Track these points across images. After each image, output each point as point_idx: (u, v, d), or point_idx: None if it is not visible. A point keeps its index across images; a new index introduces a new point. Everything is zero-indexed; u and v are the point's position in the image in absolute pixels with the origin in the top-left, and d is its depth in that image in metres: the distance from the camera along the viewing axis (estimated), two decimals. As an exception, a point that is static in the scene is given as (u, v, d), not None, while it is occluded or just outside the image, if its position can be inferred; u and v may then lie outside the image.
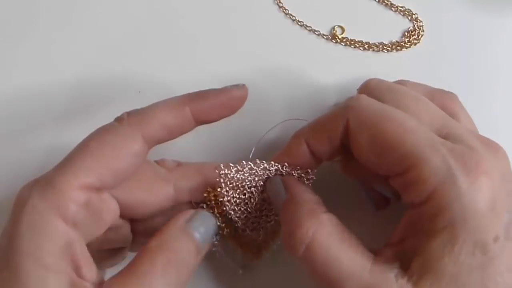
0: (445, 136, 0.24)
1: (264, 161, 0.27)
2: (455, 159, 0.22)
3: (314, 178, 0.27)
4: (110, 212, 0.24)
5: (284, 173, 0.27)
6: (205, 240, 0.25)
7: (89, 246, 0.23)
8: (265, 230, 0.28)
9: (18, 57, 0.37)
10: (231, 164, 0.26)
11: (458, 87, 0.37)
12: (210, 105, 0.26)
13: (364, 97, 0.26)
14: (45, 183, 0.22)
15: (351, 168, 0.29)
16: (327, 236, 0.23)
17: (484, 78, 0.37)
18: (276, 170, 0.27)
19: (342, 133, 0.25)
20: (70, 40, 0.38)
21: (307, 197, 0.25)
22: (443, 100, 0.29)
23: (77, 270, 0.21)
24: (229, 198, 0.26)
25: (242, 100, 0.27)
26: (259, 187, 0.27)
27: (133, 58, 0.37)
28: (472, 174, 0.22)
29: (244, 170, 0.26)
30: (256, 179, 0.27)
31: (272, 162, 0.27)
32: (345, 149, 0.27)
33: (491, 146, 0.24)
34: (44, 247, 0.21)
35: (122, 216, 0.26)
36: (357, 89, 0.32)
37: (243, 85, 0.27)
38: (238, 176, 0.26)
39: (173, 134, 0.26)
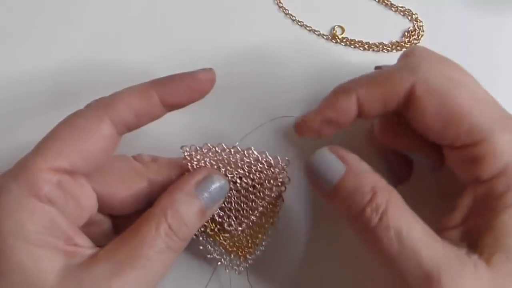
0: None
1: (238, 147, 0.26)
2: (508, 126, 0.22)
3: (286, 175, 0.26)
4: (87, 198, 0.25)
5: (260, 163, 0.26)
6: (212, 203, 0.25)
7: None
8: (249, 225, 0.27)
9: (19, 54, 0.37)
10: (197, 147, 0.26)
11: (458, 87, 0.37)
12: (176, 88, 0.26)
13: (432, 58, 0.25)
14: (17, 167, 0.23)
15: (390, 132, 0.28)
16: (400, 205, 0.23)
17: (484, 78, 0.37)
18: (253, 158, 0.26)
19: (402, 96, 0.24)
20: (69, 38, 0.38)
21: (367, 167, 0.24)
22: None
23: (69, 240, 0.22)
24: None
25: (210, 83, 0.26)
26: (235, 176, 0.26)
27: (133, 58, 0.37)
28: None
29: (209, 150, 0.26)
30: (229, 168, 0.26)
31: (251, 151, 0.26)
32: (401, 111, 0.25)
33: None
34: (28, 227, 0.21)
35: (100, 210, 0.26)
36: (375, 67, 0.30)
37: (210, 68, 0.27)
38: (202, 158, 0.25)
39: (141, 118, 0.25)
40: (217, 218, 0.26)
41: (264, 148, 0.27)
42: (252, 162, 0.25)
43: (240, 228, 0.26)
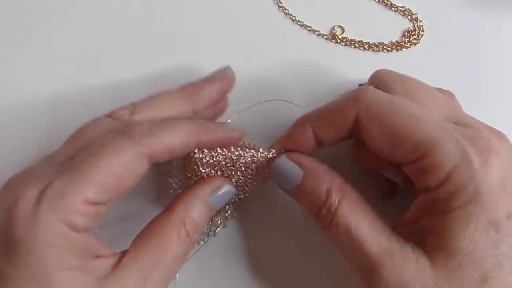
0: (455, 123, 0.25)
1: (239, 148, 0.28)
2: (467, 142, 0.23)
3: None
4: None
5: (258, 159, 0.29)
6: (218, 206, 0.28)
7: None
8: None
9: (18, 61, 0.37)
10: (204, 150, 0.27)
11: (458, 87, 0.37)
12: (213, 141, 0.27)
13: (372, 88, 0.26)
14: (55, 198, 0.22)
15: (363, 155, 0.30)
16: (351, 202, 0.25)
17: (484, 78, 0.37)
18: (251, 156, 0.28)
19: (350, 125, 0.26)
20: (69, 38, 0.38)
21: (323, 169, 0.27)
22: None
23: (96, 254, 0.23)
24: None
25: (237, 140, 0.29)
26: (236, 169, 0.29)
27: (133, 58, 0.37)
28: (484, 155, 0.23)
29: (218, 154, 0.27)
30: (230, 163, 0.28)
31: (247, 149, 0.28)
32: (356, 137, 0.27)
33: (497, 134, 0.25)
34: (69, 258, 0.22)
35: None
36: (359, 84, 0.32)
37: (244, 129, 0.29)
38: (211, 160, 0.27)
39: (173, 157, 0.26)
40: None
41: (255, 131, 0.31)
42: (253, 157, 0.28)
43: (247, 194, 0.30)
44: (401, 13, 0.40)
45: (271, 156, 0.29)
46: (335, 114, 0.27)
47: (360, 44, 0.38)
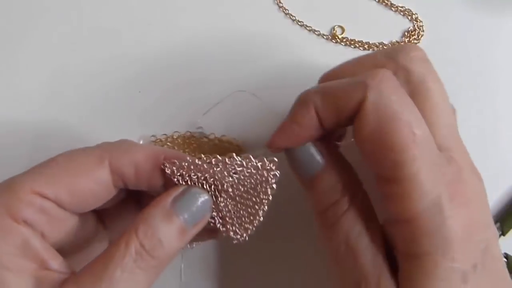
0: (445, 149, 0.24)
1: (218, 156, 0.24)
2: (445, 185, 0.22)
3: (278, 175, 0.24)
4: (72, 225, 0.24)
5: (246, 168, 0.24)
6: (194, 220, 0.23)
7: (56, 242, 0.23)
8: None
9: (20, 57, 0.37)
10: (177, 162, 0.24)
11: (458, 87, 0.37)
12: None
13: (387, 78, 0.23)
14: (2, 186, 0.22)
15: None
16: (358, 211, 0.24)
17: (484, 78, 0.37)
18: (239, 165, 0.24)
19: (354, 109, 0.23)
20: (72, 38, 0.38)
21: (345, 166, 0.25)
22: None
23: (42, 264, 0.22)
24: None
25: None
26: (225, 185, 0.24)
27: (134, 58, 0.37)
28: (456, 202, 0.22)
29: (191, 164, 0.24)
30: (217, 178, 0.24)
31: (232, 158, 0.24)
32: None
33: (476, 173, 0.24)
34: (5, 249, 0.21)
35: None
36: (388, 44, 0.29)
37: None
38: (187, 173, 0.24)
39: (140, 178, 0.24)
40: (220, 227, 0.25)
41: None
42: (238, 169, 0.24)
43: (245, 235, 0.25)
44: (401, 13, 0.40)
45: (270, 167, 0.24)
46: (340, 95, 0.24)
47: (360, 44, 0.38)
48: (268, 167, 0.24)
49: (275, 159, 0.24)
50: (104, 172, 0.23)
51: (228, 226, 0.25)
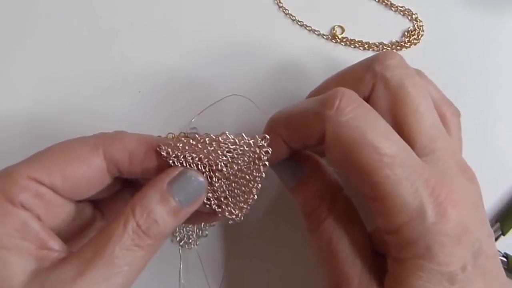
0: (429, 152, 0.24)
1: (211, 135, 0.25)
2: (427, 192, 0.22)
3: (270, 151, 0.25)
4: (69, 207, 0.25)
5: (240, 146, 0.25)
6: (189, 201, 0.24)
7: (52, 228, 0.24)
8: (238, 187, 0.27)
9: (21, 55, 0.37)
10: (172, 143, 0.25)
11: (458, 86, 0.37)
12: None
13: (345, 101, 0.23)
14: (0, 172, 0.23)
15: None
16: (341, 215, 0.25)
17: (484, 78, 0.37)
18: (233, 143, 0.25)
19: (318, 140, 0.24)
20: (72, 40, 0.38)
21: (327, 171, 0.26)
22: (446, 111, 0.28)
23: (42, 244, 0.22)
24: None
25: None
26: (219, 164, 0.25)
27: (134, 58, 0.37)
28: (442, 207, 0.22)
29: (185, 145, 0.25)
30: (211, 157, 0.25)
31: (225, 136, 0.25)
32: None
33: (467, 173, 0.24)
34: (3, 231, 0.22)
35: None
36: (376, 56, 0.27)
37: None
38: (182, 154, 0.25)
39: (133, 164, 0.25)
40: (216, 208, 0.26)
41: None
42: (231, 147, 0.25)
43: (241, 215, 0.26)
44: (401, 13, 0.40)
45: (262, 144, 0.25)
46: (302, 127, 0.25)
47: (360, 44, 0.38)
48: (260, 144, 0.25)
49: (267, 136, 0.25)
50: (98, 159, 0.24)
51: (223, 207, 0.26)
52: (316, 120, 0.24)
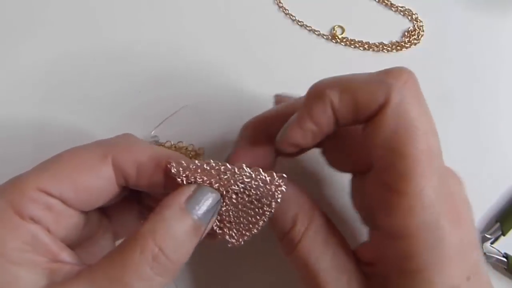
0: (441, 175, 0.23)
1: (227, 164, 0.24)
2: (445, 202, 0.21)
3: (285, 190, 0.24)
4: (77, 218, 0.24)
5: (252, 179, 0.24)
6: (207, 219, 0.23)
7: (61, 239, 0.23)
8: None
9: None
10: (185, 163, 0.24)
11: (458, 87, 0.37)
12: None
13: (412, 80, 0.22)
14: (8, 182, 0.22)
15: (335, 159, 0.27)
16: (316, 234, 0.24)
17: (484, 78, 0.37)
18: (247, 176, 0.24)
19: (374, 111, 0.22)
20: (72, 40, 0.38)
21: (293, 191, 0.25)
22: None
23: (53, 257, 0.22)
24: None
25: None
26: (230, 192, 0.24)
27: (134, 58, 0.37)
28: (452, 219, 0.21)
29: (198, 168, 0.24)
30: (221, 184, 0.24)
31: (242, 169, 0.24)
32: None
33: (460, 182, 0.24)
34: (7, 244, 0.21)
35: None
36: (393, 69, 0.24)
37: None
38: (192, 174, 0.24)
39: (141, 178, 0.24)
40: (217, 230, 0.25)
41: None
42: (246, 180, 0.24)
43: (241, 241, 0.25)
44: (401, 13, 0.40)
45: (279, 183, 0.23)
46: (361, 93, 0.22)
47: (360, 44, 0.38)
48: (277, 183, 0.24)
49: (284, 175, 0.24)
50: (107, 169, 0.24)
51: (225, 230, 0.25)
52: (380, 89, 0.21)
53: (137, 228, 0.21)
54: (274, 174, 0.24)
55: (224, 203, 0.24)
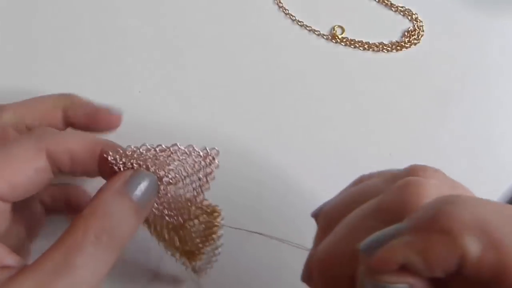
0: None
1: (162, 145, 0.25)
2: None
3: (218, 164, 0.25)
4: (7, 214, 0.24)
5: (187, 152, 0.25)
6: (146, 200, 0.24)
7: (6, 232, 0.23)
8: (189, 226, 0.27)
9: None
10: (121, 150, 0.24)
11: (458, 87, 0.37)
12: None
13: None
14: None
15: None
16: None
17: (483, 78, 0.37)
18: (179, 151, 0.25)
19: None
20: (74, 42, 0.38)
21: None
22: None
23: (0, 263, 0.22)
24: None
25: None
26: (166, 172, 0.25)
27: (134, 58, 0.37)
28: None
29: (134, 153, 0.25)
30: (157, 164, 0.25)
31: (176, 147, 0.25)
32: None
33: None
34: None
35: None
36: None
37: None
38: (128, 160, 0.25)
39: (75, 166, 0.25)
40: (155, 211, 0.26)
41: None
42: (180, 157, 0.25)
43: (181, 219, 0.26)
44: (401, 13, 0.40)
45: (212, 156, 0.25)
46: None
47: (360, 44, 0.38)
48: (211, 156, 0.25)
49: (216, 148, 0.25)
50: (42, 161, 0.24)
51: (164, 211, 0.26)
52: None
53: (79, 214, 0.22)
54: (207, 148, 0.25)
55: (161, 184, 0.25)
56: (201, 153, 0.25)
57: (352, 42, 0.38)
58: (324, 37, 0.39)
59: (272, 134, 0.34)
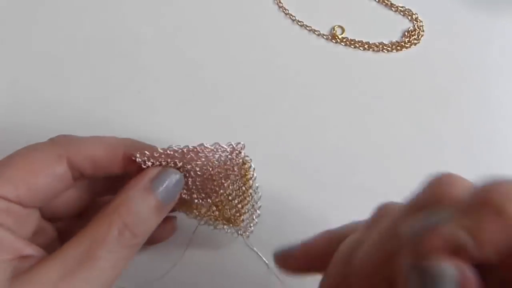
0: None
1: (189, 145, 0.25)
2: None
3: (243, 154, 0.26)
4: (34, 219, 0.24)
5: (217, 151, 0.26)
6: (170, 198, 0.25)
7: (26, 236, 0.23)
8: (225, 197, 0.28)
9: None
10: (146, 152, 0.25)
11: (458, 87, 0.37)
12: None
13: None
14: None
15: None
16: None
17: (483, 78, 0.37)
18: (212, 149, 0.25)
19: None
20: (73, 42, 0.38)
21: None
22: None
23: (19, 253, 0.22)
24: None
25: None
26: (193, 166, 0.26)
27: (134, 59, 0.37)
28: None
29: (161, 155, 0.25)
30: (185, 161, 0.25)
31: (203, 146, 0.25)
32: None
33: None
34: None
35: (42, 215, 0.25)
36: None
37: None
38: (156, 161, 0.25)
39: (98, 170, 0.25)
40: (185, 196, 0.26)
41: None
42: (208, 155, 0.26)
43: (209, 200, 0.27)
44: (401, 13, 0.40)
45: (238, 150, 0.25)
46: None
47: (360, 44, 0.38)
48: (237, 150, 0.26)
49: (242, 142, 0.26)
50: (63, 168, 0.24)
51: (193, 195, 0.27)
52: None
53: (102, 209, 0.23)
54: (233, 143, 0.26)
55: (189, 177, 0.26)
56: (227, 149, 0.26)
57: (352, 42, 0.38)
58: (324, 37, 0.39)
59: (272, 133, 0.34)
